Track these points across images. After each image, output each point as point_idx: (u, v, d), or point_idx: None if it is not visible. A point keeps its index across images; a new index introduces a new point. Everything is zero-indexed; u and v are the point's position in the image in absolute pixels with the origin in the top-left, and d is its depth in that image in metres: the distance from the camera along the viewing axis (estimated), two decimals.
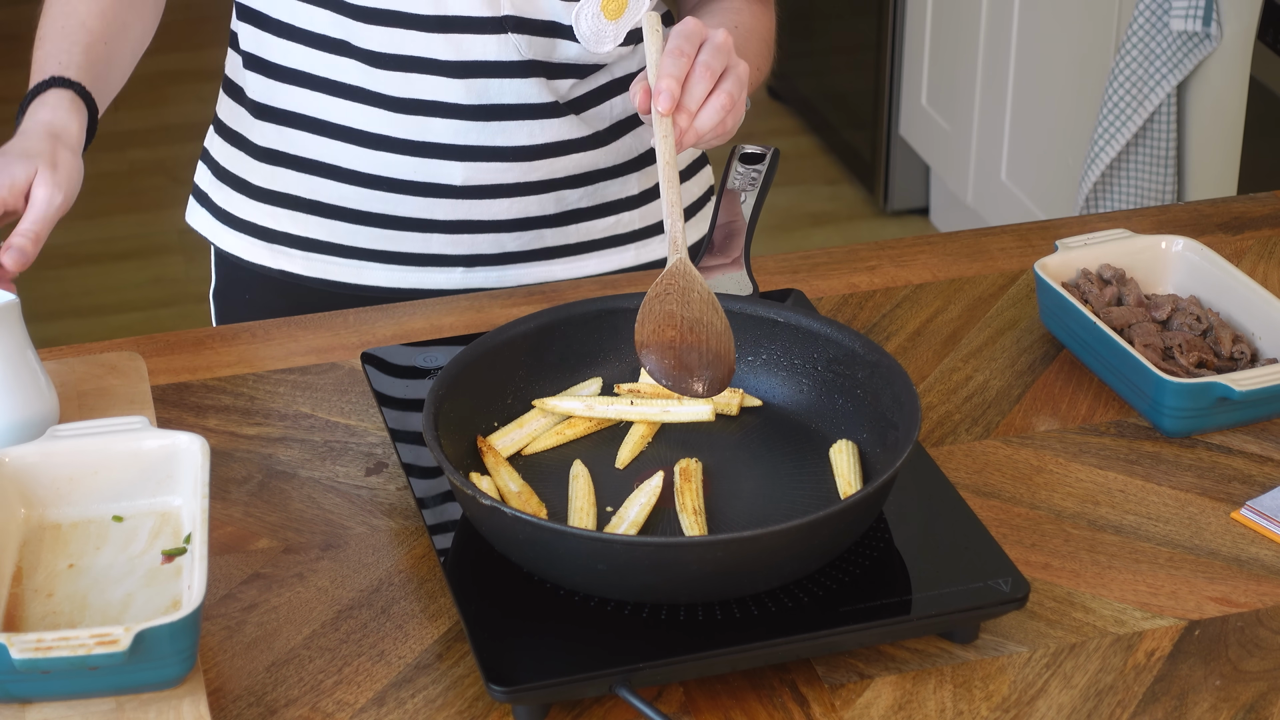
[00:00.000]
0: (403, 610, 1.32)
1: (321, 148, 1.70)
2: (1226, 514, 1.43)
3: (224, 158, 1.77)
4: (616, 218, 1.77)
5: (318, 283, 1.74)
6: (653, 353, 1.39)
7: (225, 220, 1.77)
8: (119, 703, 1.20)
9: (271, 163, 1.73)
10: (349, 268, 1.73)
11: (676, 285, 1.38)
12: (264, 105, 1.71)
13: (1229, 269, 1.62)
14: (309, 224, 1.73)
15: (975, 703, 1.25)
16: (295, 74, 1.68)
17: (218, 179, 1.78)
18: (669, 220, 1.39)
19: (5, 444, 1.39)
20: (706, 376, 1.38)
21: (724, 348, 1.38)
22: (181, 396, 1.55)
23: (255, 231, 1.76)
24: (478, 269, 1.73)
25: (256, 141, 1.73)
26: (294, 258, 1.74)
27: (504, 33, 1.62)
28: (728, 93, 1.45)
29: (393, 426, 1.45)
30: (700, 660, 1.23)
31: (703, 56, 1.45)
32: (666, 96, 1.42)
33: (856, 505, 1.27)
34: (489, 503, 1.26)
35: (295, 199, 1.72)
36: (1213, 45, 2.86)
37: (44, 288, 3.93)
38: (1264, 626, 1.32)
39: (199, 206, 1.81)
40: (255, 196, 1.74)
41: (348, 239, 1.72)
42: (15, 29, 5.07)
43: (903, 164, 4.13)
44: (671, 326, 1.38)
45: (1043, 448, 1.50)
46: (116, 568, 1.29)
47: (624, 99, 1.73)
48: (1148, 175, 3.04)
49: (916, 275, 1.73)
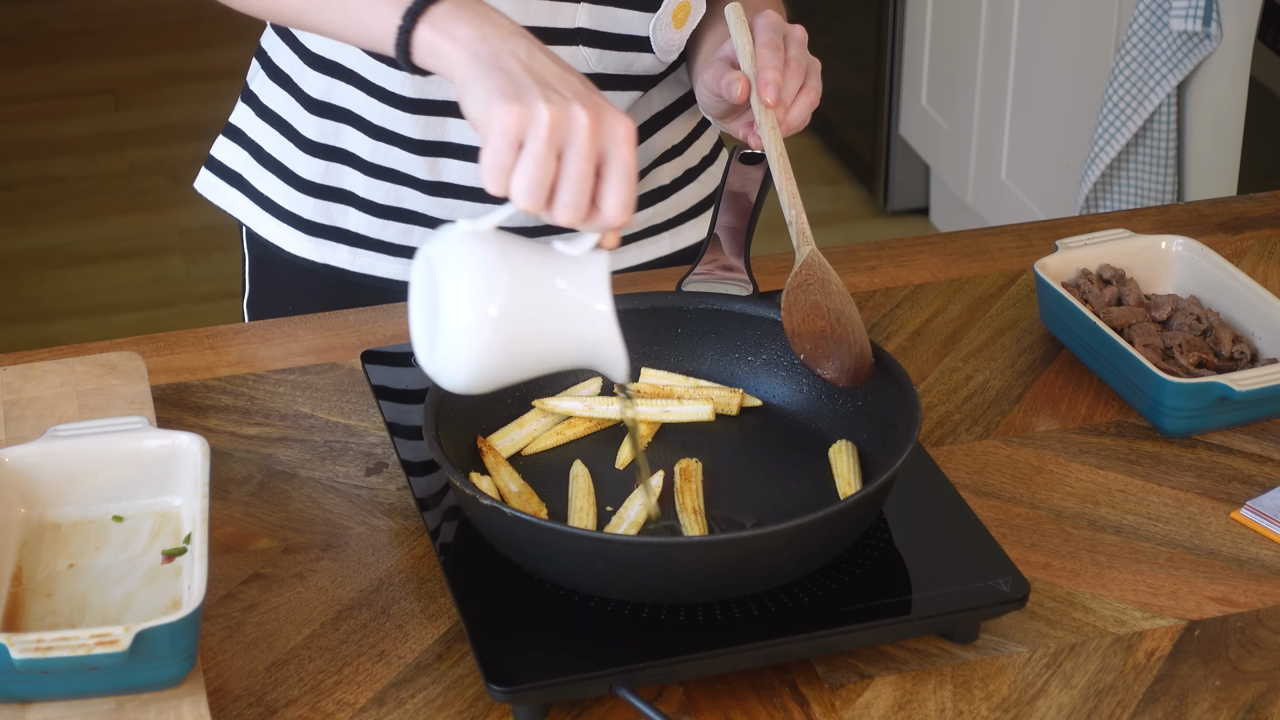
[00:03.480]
0: (403, 610, 1.32)
1: (367, 145, 1.68)
2: (1226, 514, 1.43)
3: (266, 142, 1.73)
4: (654, 209, 1.77)
5: (363, 278, 1.73)
6: (806, 341, 1.41)
7: (266, 207, 1.73)
8: (119, 703, 1.20)
9: (324, 157, 1.70)
10: (399, 265, 1.72)
11: (816, 276, 1.41)
12: (319, 101, 1.69)
13: (1229, 269, 1.62)
14: (358, 220, 1.71)
15: (975, 703, 1.25)
16: (352, 75, 1.66)
17: (260, 163, 1.73)
18: (792, 211, 1.43)
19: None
20: (853, 367, 1.41)
21: (865, 340, 1.41)
22: (181, 396, 1.55)
23: (298, 223, 1.72)
24: None
25: (308, 135, 1.71)
26: (340, 252, 1.72)
27: (575, 45, 1.62)
28: (814, 89, 1.51)
29: (392, 426, 1.45)
30: (700, 660, 1.23)
31: (792, 51, 1.50)
32: (773, 89, 1.47)
33: (856, 505, 1.27)
34: (489, 503, 1.26)
35: (346, 194, 1.71)
36: (1213, 45, 2.86)
37: (44, 288, 3.93)
38: (1264, 626, 1.32)
39: (226, 185, 1.76)
40: (300, 188, 1.71)
41: (398, 238, 1.71)
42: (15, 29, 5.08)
43: (903, 164, 4.13)
44: (820, 317, 1.41)
45: (1043, 448, 1.50)
46: (116, 568, 1.29)
47: (659, 92, 1.73)
48: (1148, 175, 3.04)
49: (916, 275, 1.73)
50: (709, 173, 1.82)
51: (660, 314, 1.49)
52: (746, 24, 1.51)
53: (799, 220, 1.43)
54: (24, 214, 4.17)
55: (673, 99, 1.75)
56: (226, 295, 3.86)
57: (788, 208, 1.44)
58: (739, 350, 1.48)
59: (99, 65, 4.84)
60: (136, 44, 4.93)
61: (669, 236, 1.79)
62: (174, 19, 5.05)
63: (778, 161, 1.45)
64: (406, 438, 1.43)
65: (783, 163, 1.45)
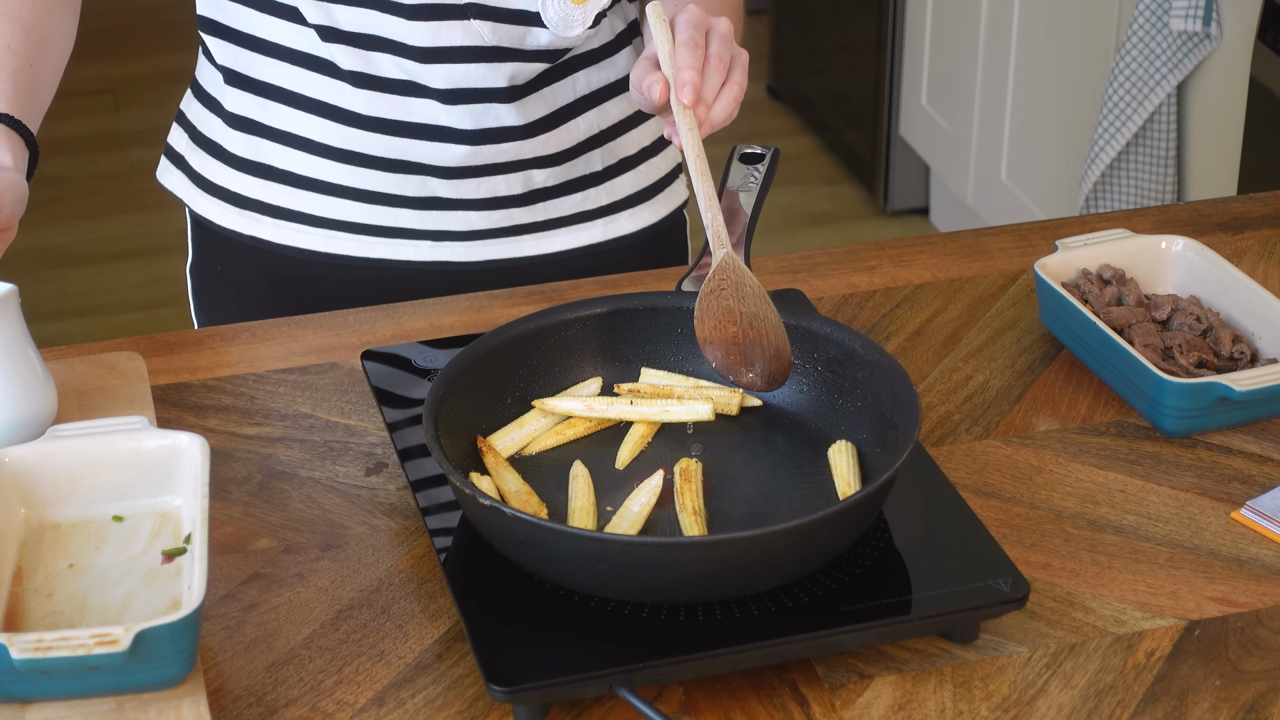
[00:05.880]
0: (403, 610, 1.32)
1: (294, 120, 1.70)
2: (1226, 514, 1.43)
3: (200, 122, 1.78)
4: (584, 194, 1.77)
5: (288, 250, 1.75)
6: (717, 349, 1.40)
7: (200, 185, 1.78)
8: (119, 703, 1.20)
9: (246, 131, 1.73)
10: (320, 237, 1.74)
11: (730, 280, 1.40)
12: (236, 73, 1.71)
13: (1229, 269, 1.62)
14: (281, 193, 1.74)
15: (975, 703, 1.25)
16: (265, 45, 1.69)
17: (194, 143, 1.78)
18: (708, 214, 1.41)
19: (5, 438, 1.39)
20: (769, 370, 1.40)
21: (782, 341, 1.40)
22: (181, 396, 1.55)
23: (229, 197, 1.76)
24: (445, 243, 1.74)
25: (230, 109, 1.74)
26: (265, 224, 1.75)
27: (466, 19, 1.63)
28: (739, 84, 1.48)
29: (392, 426, 1.45)
30: (700, 660, 1.23)
31: (714, 48, 1.48)
32: (690, 89, 1.45)
33: (857, 505, 1.27)
34: (489, 503, 1.26)
35: (268, 168, 1.73)
36: (1213, 45, 2.86)
37: (44, 288, 3.93)
38: (1264, 626, 1.32)
39: (173, 168, 1.81)
40: (229, 163, 1.75)
41: (319, 209, 1.73)
42: None
43: (903, 164, 4.13)
44: (732, 322, 1.39)
45: (1043, 448, 1.50)
46: (116, 568, 1.29)
47: (585, 75, 1.73)
48: (1148, 175, 3.04)
49: (916, 275, 1.73)
50: (651, 164, 1.81)
51: (660, 314, 1.49)
52: (667, 22, 1.49)
53: (715, 223, 1.41)
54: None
55: (601, 83, 1.75)
56: None
57: (704, 209, 1.42)
58: None
59: (99, 65, 4.84)
60: (136, 44, 4.93)
61: (601, 224, 1.79)
62: (174, 19, 5.05)
63: (695, 164, 1.42)
64: (406, 438, 1.43)
65: (700, 165, 1.42)
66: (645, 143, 1.80)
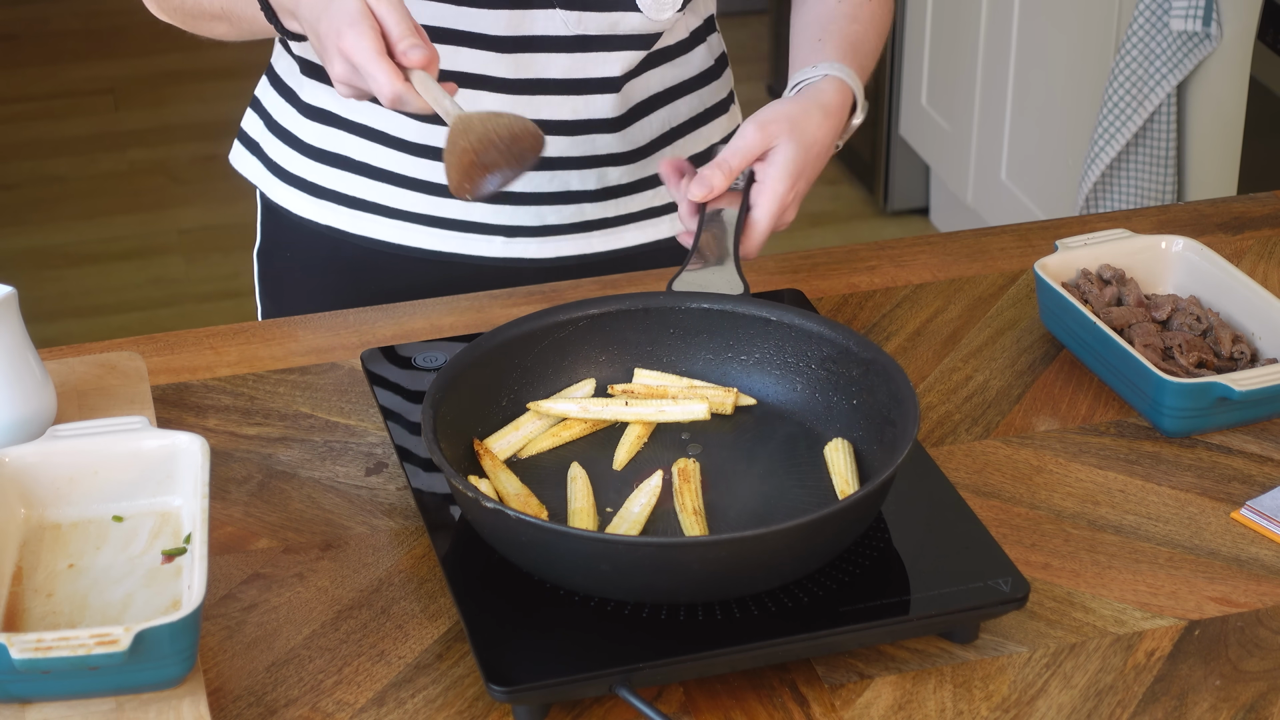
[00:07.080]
0: (403, 610, 1.32)
1: (370, 113, 1.71)
2: (1226, 514, 1.43)
3: (275, 110, 1.78)
4: (654, 191, 1.78)
5: (362, 239, 1.75)
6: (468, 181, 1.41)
7: (275, 172, 1.78)
8: (119, 703, 1.20)
9: (321, 122, 1.74)
10: (393, 228, 1.74)
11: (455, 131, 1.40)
12: (313, 64, 1.72)
13: (1229, 269, 1.62)
14: (356, 183, 1.74)
15: (975, 703, 1.25)
16: None
17: (270, 131, 1.79)
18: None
19: (5, 438, 1.39)
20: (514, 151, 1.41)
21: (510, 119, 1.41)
22: (181, 396, 1.55)
23: (304, 186, 1.76)
24: (518, 239, 1.74)
25: (306, 100, 1.74)
26: (340, 213, 1.75)
27: (551, 8, 1.63)
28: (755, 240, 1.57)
29: (392, 426, 1.45)
30: (700, 660, 1.23)
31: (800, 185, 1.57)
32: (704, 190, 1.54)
33: (858, 504, 1.27)
34: (492, 505, 1.26)
35: (343, 159, 1.74)
36: (1213, 45, 2.86)
37: (44, 288, 3.93)
38: (1264, 626, 1.32)
39: (247, 153, 1.82)
40: (305, 153, 1.75)
41: (393, 201, 1.73)
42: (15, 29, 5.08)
43: (903, 164, 4.13)
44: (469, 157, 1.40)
45: (1043, 448, 1.50)
46: (116, 568, 1.29)
47: (660, 73, 1.73)
48: (1148, 175, 3.04)
49: (916, 275, 1.73)
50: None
51: (653, 314, 1.49)
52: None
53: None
54: (24, 214, 4.17)
55: (675, 80, 1.75)
56: (227, 295, 3.86)
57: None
58: (732, 349, 1.48)
59: (99, 65, 4.84)
60: (136, 44, 4.93)
61: (668, 220, 1.79)
62: None
63: None
64: (406, 438, 1.43)
65: None
66: (714, 139, 1.81)
